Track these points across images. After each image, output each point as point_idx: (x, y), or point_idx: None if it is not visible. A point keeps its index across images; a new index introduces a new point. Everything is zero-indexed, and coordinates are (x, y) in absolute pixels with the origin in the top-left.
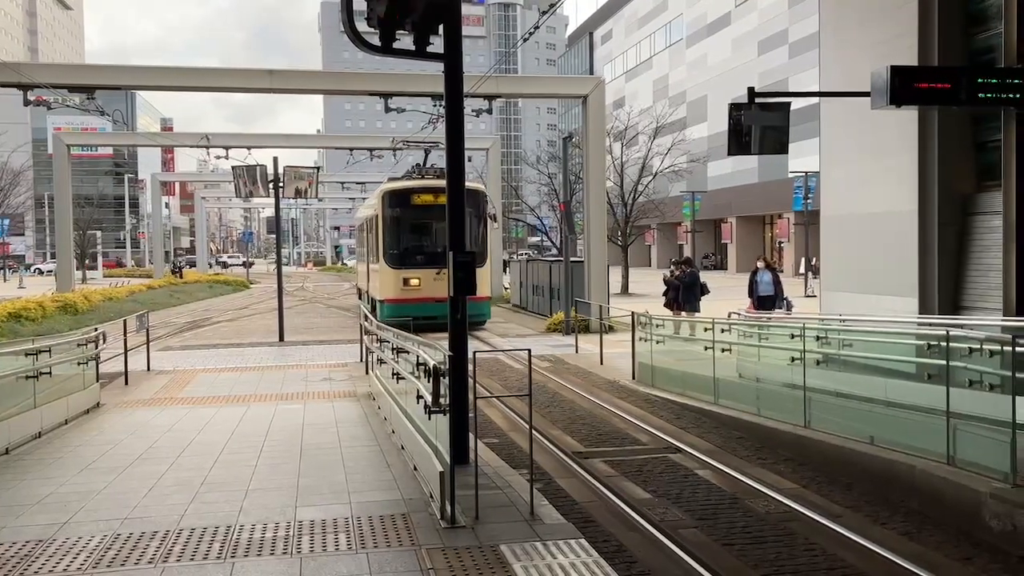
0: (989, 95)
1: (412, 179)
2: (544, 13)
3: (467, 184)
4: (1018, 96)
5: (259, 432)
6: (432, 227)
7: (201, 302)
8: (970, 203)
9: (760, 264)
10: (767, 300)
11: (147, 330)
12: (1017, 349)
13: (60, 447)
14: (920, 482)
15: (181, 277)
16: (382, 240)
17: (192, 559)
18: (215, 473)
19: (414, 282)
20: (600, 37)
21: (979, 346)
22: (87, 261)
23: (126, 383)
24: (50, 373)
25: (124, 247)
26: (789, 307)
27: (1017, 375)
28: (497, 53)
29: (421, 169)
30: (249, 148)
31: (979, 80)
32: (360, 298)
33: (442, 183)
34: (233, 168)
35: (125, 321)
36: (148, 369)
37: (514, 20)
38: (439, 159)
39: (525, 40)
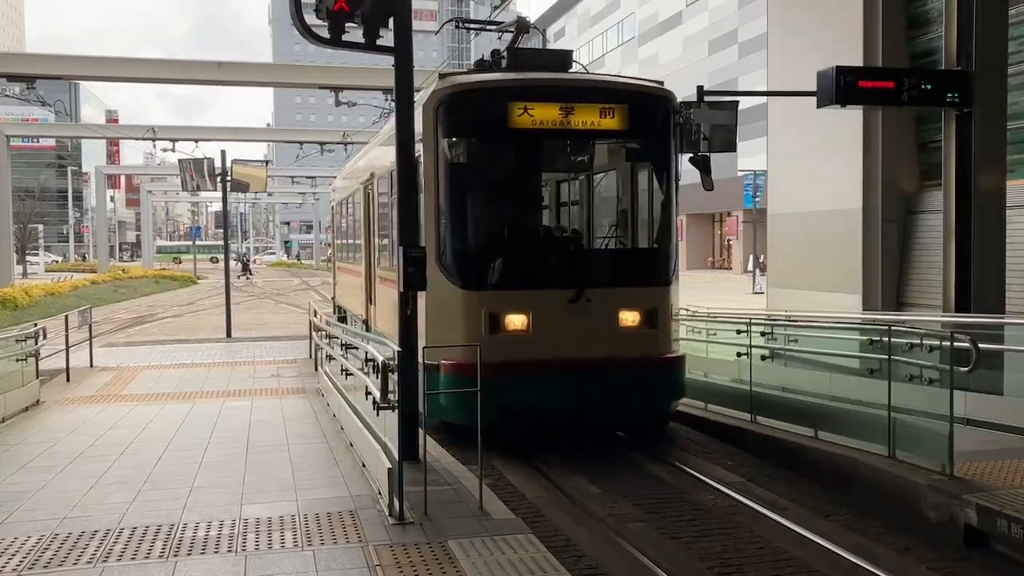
0: (930, 96)
1: (505, 73)
2: (496, 8)
3: (637, 81)
4: (957, 98)
5: (205, 429)
6: (562, 186)
7: (146, 297)
8: (913, 202)
9: None
10: None
11: (90, 326)
12: (954, 345)
13: None
14: (862, 475)
15: (251, 275)
16: (435, 218)
17: (133, 558)
18: (159, 471)
19: (519, 322)
20: (553, 34)
21: (919, 342)
22: (27, 256)
23: (68, 380)
24: None
25: (67, 241)
26: None
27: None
28: (449, 48)
29: (515, 55)
30: (196, 141)
31: (920, 82)
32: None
33: (588, 78)
34: (180, 161)
35: (67, 316)
36: (91, 366)
37: (467, 15)
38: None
39: (476, 35)
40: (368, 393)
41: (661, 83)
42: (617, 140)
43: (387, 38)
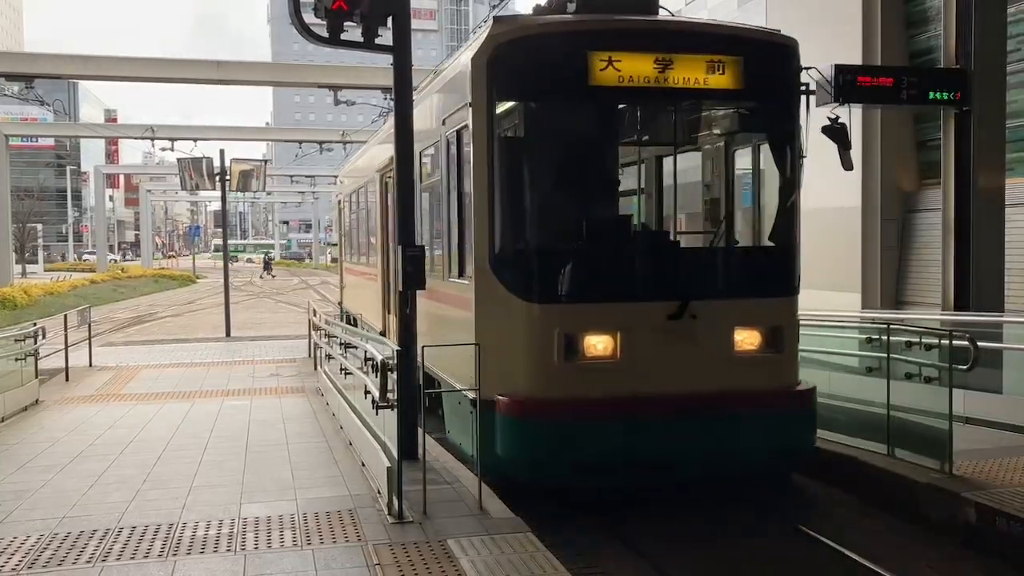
0: (929, 95)
1: (569, 15)
2: (495, 7)
3: (751, 27)
4: (956, 96)
5: (204, 429)
6: (656, 165)
7: (146, 297)
8: (912, 200)
9: None
10: None
11: (89, 325)
12: (953, 343)
13: None
14: (861, 473)
15: (272, 275)
16: (487, 208)
17: (132, 558)
18: (158, 470)
19: (602, 346)
20: None
21: (917, 340)
22: (27, 255)
23: (67, 379)
24: None
25: (66, 240)
26: None
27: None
28: (449, 47)
29: None
30: (195, 140)
31: (919, 80)
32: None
33: (689, 21)
34: (179, 160)
35: (66, 316)
36: (90, 365)
37: (466, 14)
38: None
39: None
40: (367, 392)
41: (778, 31)
42: (729, 103)
43: (386, 37)
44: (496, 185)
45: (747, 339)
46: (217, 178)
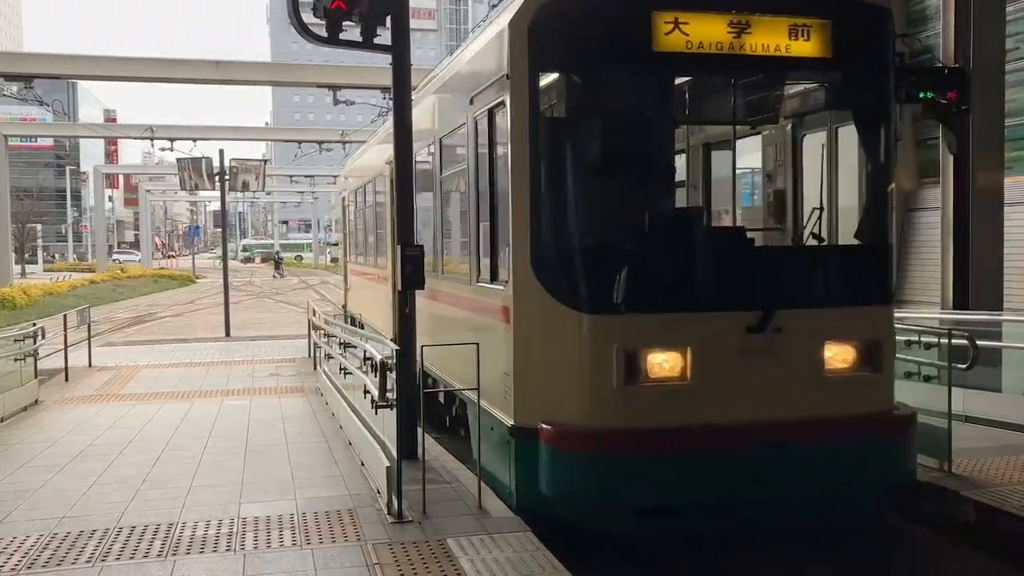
0: (928, 94)
1: None
2: (494, 7)
3: None
4: (955, 95)
5: (203, 428)
6: (730, 149)
7: (145, 297)
8: (911, 199)
9: None
10: None
11: (88, 325)
12: (952, 342)
13: None
14: None
15: (282, 274)
16: (529, 202)
17: (132, 558)
18: (157, 470)
19: (670, 366)
20: None
21: (917, 339)
22: (26, 255)
23: (66, 379)
24: None
25: (66, 240)
26: None
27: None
28: (448, 47)
29: None
30: (195, 140)
31: (918, 79)
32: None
33: None
34: (178, 160)
35: (65, 316)
36: (89, 365)
37: (465, 13)
38: None
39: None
40: (367, 392)
41: None
42: (814, 75)
43: (385, 36)
44: (539, 172)
45: (840, 355)
46: (216, 178)
